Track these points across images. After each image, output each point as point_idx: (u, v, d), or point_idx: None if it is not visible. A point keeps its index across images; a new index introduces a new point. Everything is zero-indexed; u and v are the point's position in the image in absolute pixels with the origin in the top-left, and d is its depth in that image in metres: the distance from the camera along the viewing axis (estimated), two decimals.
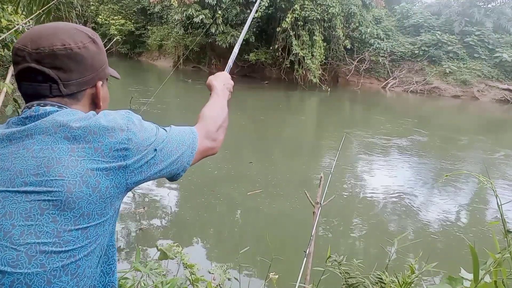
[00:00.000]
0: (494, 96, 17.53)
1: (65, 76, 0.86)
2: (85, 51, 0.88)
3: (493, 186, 1.23)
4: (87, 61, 0.89)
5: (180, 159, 0.93)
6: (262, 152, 7.43)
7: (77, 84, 0.88)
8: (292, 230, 4.19)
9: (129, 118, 0.88)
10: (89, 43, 0.89)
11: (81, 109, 0.90)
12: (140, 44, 25.76)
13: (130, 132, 0.84)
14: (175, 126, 0.99)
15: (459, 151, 8.48)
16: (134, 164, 0.83)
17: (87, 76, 0.90)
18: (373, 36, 18.30)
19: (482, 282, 1.10)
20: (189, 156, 0.95)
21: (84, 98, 0.92)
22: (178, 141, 0.94)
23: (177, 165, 0.93)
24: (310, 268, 2.01)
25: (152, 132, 0.90)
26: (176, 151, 0.92)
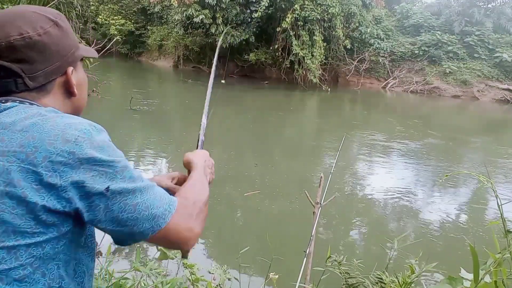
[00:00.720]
0: (494, 96, 17.53)
1: (29, 68, 0.77)
2: (47, 38, 0.78)
3: (493, 186, 1.23)
4: (51, 48, 0.79)
5: (135, 225, 0.72)
6: (262, 152, 7.43)
7: (44, 75, 0.79)
8: (292, 230, 4.19)
9: (88, 131, 0.71)
10: (51, 28, 0.79)
11: (53, 101, 0.82)
12: (140, 44, 25.77)
13: (77, 145, 0.69)
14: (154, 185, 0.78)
15: (459, 151, 8.49)
16: (70, 187, 0.67)
17: (54, 64, 0.80)
18: (373, 36, 18.30)
19: (482, 282, 1.10)
20: (149, 229, 0.73)
21: (54, 88, 0.82)
22: (146, 199, 0.73)
23: (127, 230, 0.72)
24: (310, 268, 2.01)
25: (116, 160, 0.72)
26: (136, 210, 0.71)
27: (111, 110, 9.47)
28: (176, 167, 6.03)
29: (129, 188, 0.72)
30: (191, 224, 0.79)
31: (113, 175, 0.71)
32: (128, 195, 0.71)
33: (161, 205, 0.74)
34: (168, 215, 0.75)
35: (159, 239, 0.75)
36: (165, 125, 9.02)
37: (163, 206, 0.75)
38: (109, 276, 1.72)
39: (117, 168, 0.71)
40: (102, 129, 0.76)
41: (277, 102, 13.55)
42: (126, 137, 7.34)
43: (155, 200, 0.74)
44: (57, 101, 0.83)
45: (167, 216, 0.74)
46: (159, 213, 0.74)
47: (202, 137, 1.29)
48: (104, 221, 0.71)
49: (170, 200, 0.77)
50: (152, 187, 0.76)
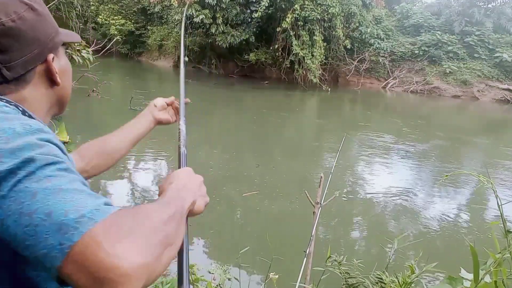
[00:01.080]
0: (494, 96, 17.54)
1: (5, 58, 0.70)
2: (22, 23, 0.71)
3: (493, 186, 1.23)
4: (28, 35, 0.72)
5: (37, 244, 0.48)
6: (262, 152, 7.43)
7: (22, 64, 0.72)
8: (292, 230, 4.19)
9: (11, 129, 0.58)
10: (26, 12, 0.72)
11: (33, 92, 0.75)
12: (140, 44, 25.77)
13: None
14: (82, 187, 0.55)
15: (459, 151, 8.49)
16: None
17: (32, 52, 0.73)
18: (373, 36, 18.31)
19: (482, 282, 1.10)
20: (56, 248, 0.47)
21: (35, 78, 0.75)
22: (52, 202, 0.50)
23: (32, 259, 0.50)
24: (310, 268, 2.01)
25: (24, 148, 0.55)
26: (32, 220, 0.49)
27: (111, 110, 9.47)
28: (176, 167, 6.02)
29: (28, 190, 0.51)
30: (124, 244, 0.48)
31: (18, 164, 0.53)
32: (24, 200, 0.50)
33: (76, 210, 0.49)
34: (87, 223, 0.48)
35: (73, 270, 0.47)
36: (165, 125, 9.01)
37: (81, 212, 0.49)
38: None
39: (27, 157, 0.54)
40: (43, 130, 0.62)
41: (277, 102, 13.56)
42: None
43: (66, 204, 0.50)
44: (38, 92, 0.76)
45: (85, 225, 0.48)
46: (69, 222, 0.48)
47: (184, 149, 0.94)
48: (12, 241, 0.50)
49: (97, 205, 0.51)
50: (71, 183, 0.54)
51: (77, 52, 4.63)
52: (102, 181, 5.14)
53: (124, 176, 5.39)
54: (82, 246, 0.47)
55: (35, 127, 0.61)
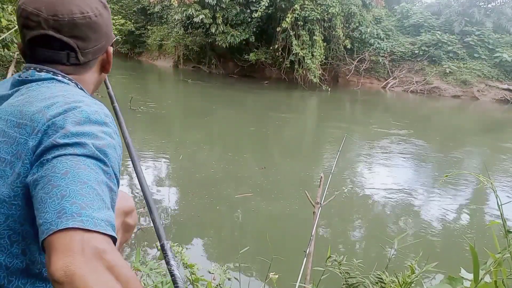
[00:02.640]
0: (494, 96, 17.54)
1: (83, 45, 0.83)
2: (101, 19, 0.85)
3: (493, 186, 1.23)
4: (102, 29, 0.86)
5: (43, 211, 0.55)
6: (262, 152, 7.43)
7: (93, 52, 0.86)
8: (292, 230, 4.19)
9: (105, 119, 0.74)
10: (102, 9, 0.86)
11: (92, 76, 0.90)
12: (140, 44, 25.76)
13: None
14: None
15: (459, 151, 8.49)
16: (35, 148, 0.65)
17: (101, 43, 0.88)
18: (373, 36, 18.31)
19: (482, 282, 1.10)
20: (47, 224, 0.54)
21: (96, 65, 0.91)
22: (72, 188, 0.56)
23: (37, 216, 0.57)
24: (310, 268, 2.01)
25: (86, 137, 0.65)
26: (51, 192, 0.56)
27: (111, 110, 9.45)
28: (176, 167, 6.03)
29: (68, 165, 0.59)
30: (81, 265, 0.50)
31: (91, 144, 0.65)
32: (58, 172, 0.57)
33: (82, 206, 0.54)
34: (77, 222, 0.52)
35: (49, 249, 0.52)
36: (166, 125, 9.02)
37: (83, 210, 0.54)
38: None
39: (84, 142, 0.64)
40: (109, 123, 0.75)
41: (277, 102, 13.56)
42: None
43: (81, 196, 0.55)
44: (94, 76, 0.91)
45: (74, 222, 0.52)
46: (68, 211, 0.53)
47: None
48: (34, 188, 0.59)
49: (99, 216, 0.54)
50: (98, 183, 0.59)
51: None
52: None
53: (123, 176, 5.39)
54: (60, 236, 0.52)
55: (103, 120, 0.72)
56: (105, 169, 0.63)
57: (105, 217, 0.56)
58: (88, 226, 0.53)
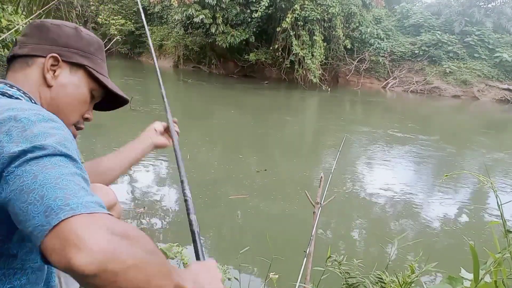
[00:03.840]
0: (494, 96, 17.54)
1: (24, 40, 0.88)
2: (55, 28, 0.88)
3: (493, 186, 1.23)
4: (50, 34, 0.88)
5: (27, 220, 0.53)
6: (262, 152, 7.43)
7: (31, 48, 0.87)
8: (292, 230, 4.19)
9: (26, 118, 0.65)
10: (68, 27, 0.90)
11: (30, 74, 0.85)
12: (140, 44, 25.75)
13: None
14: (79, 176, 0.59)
15: (459, 151, 8.48)
16: None
17: (43, 45, 0.87)
18: (373, 36, 18.31)
19: (482, 282, 1.10)
20: (38, 227, 0.51)
21: (35, 64, 0.86)
22: (48, 187, 0.54)
23: (23, 228, 0.54)
24: (310, 268, 2.01)
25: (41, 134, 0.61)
26: (28, 199, 0.53)
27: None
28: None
29: (31, 172, 0.56)
30: (98, 235, 0.50)
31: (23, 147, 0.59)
32: (27, 179, 0.55)
33: (63, 197, 0.53)
34: (66, 212, 0.51)
35: (50, 250, 0.50)
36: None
37: (67, 201, 0.52)
38: None
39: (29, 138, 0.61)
40: (53, 119, 0.68)
41: (277, 102, 13.55)
42: (126, 137, 7.34)
43: (58, 190, 0.54)
44: (34, 77, 0.86)
45: (64, 212, 0.51)
46: (54, 206, 0.52)
47: (198, 231, 0.87)
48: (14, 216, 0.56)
49: (86, 201, 0.54)
50: (67, 174, 0.57)
51: None
52: None
53: (124, 176, 5.39)
54: (56, 232, 0.50)
55: (47, 116, 0.68)
56: (72, 162, 0.61)
57: (93, 199, 0.55)
58: (81, 211, 0.52)
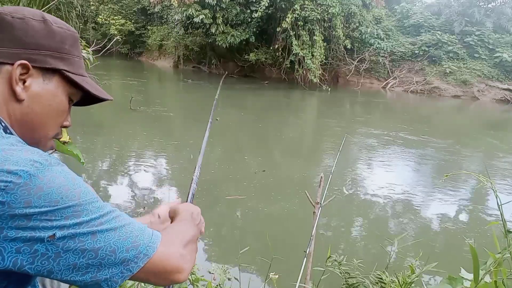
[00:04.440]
0: (494, 96, 17.55)
1: None
2: (20, 23, 0.71)
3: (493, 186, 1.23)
4: (16, 32, 0.70)
5: (99, 271, 0.62)
6: (262, 152, 7.43)
7: None
8: (292, 230, 4.19)
9: (26, 174, 0.58)
10: (35, 21, 0.72)
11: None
12: (140, 44, 25.78)
13: (8, 194, 0.56)
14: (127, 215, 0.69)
15: (459, 151, 8.48)
16: (1, 242, 0.57)
17: (10, 48, 0.70)
18: (373, 36, 18.31)
19: (482, 282, 1.10)
20: (118, 275, 0.64)
21: (1, 75, 0.71)
22: (113, 241, 0.63)
23: (90, 278, 0.62)
24: (310, 268, 2.01)
25: (66, 204, 0.60)
26: (98, 255, 0.61)
27: (111, 110, 9.47)
28: (176, 167, 6.03)
29: (86, 232, 0.61)
30: (179, 262, 0.69)
31: (62, 221, 0.59)
32: (85, 239, 0.60)
33: (134, 247, 0.64)
34: (142, 259, 0.65)
35: (142, 279, 0.67)
36: (166, 125, 9.02)
37: (138, 248, 0.64)
38: None
39: (67, 212, 0.60)
40: (51, 163, 0.62)
41: (277, 102, 13.55)
42: (127, 137, 7.34)
43: (126, 242, 0.64)
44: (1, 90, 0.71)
45: (142, 260, 0.64)
46: (130, 257, 0.64)
47: (193, 190, 1.14)
48: (59, 271, 0.60)
49: (149, 240, 0.67)
50: (122, 226, 0.65)
51: None
52: (102, 181, 5.14)
53: (124, 176, 5.39)
54: (145, 269, 0.66)
55: (47, 161, 0.62)
56: (100, 215, 0.64)
57: (149, 240, 0.68)
58: (145, 261, 0.66)
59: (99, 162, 5.88)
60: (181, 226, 0.82)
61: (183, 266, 0.70)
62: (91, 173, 5.30)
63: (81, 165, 1.11)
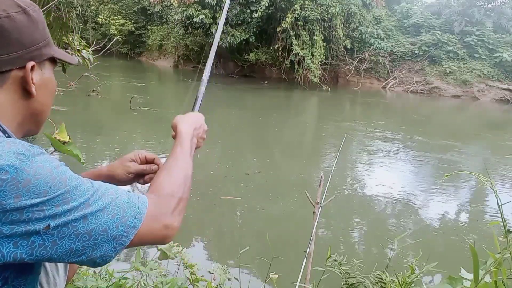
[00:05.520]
0: (494, 96, 17.55)
1: None
2: (8, 22, 0.69)
3: (493, 186, 1.22)
4: (12, 35, 0.70)
5: (94, 250, 0.65)
6: (262, 152, 7.43)
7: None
8: (292, 230, 4.19)
9: (12, 167, 0.59)
10: (17, 14, 0.71)
11: (4, 96, 0.71)
12: (140, 44, 25.79)
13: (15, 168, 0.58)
14: (112, 186, 0.71)
15: (459, 151, 8.48)
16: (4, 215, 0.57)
17: (11, 54, 0.70)
18: (373, 36, 18.32)
19: (482, 282, 1.10)
20: (111, 250, 0.66)
21: (8, 81, 0.71)
22: (103, 221, 0.65)
23: (86, 258, 0.65)
24: (310, 268, 2.01)
25: (56, 193, 0.61)
26: (92, 236, 0.64)
27: (111, 110, 9.47)
28: None
29: (78, 217, 0.63)
30: (167, 221, 0.73)
31: (53, 210, 0.61)
32: (78, 224, 0.63)
33: (122, 222, 0.67)
34: (132, 232, 0.67)
35: (135, 244, 0.70)
36: (166, 125, 9.02)
37: (126, 223, 0.67)
38: (109, 276, 1.72)
39: (57, 201, 0.61)
40: (34, 154, 0.62)
41: (277, 102, 13.55)
42: (126, 137, 7.34)
43: (114, 219, 0.66)
44: (9, 98, 0.72)
45: (131, 233, 0.67)
46: (120, 233, 0.66)
47: (201, 95, 1.19)
48: (57, 257, 0.63)
49: (136, 211, 0.69)
50: (109, 204, 0.67)
51: (77, 52, 4.62)
52: None
53: None
54: (135, 240, 0.69)
55: (30, 151, 0.62)
56: (87, 197, 0.65)
57: (135, 212, 0.70)
58: (135, 231, 0.69)
59: (99, 162, 5.87)
60: (174, 166, 0.85)
61: (171, 225, 0.73)
62: None
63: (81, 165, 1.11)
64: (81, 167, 0.99)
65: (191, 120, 1.02)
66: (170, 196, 0.77)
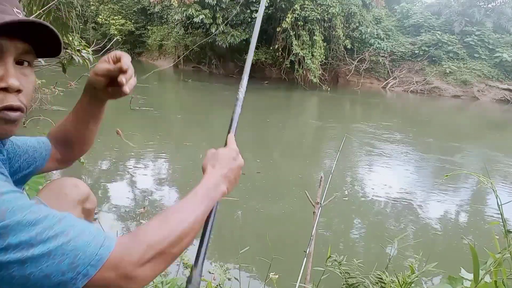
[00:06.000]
0: (494, 96, 17.55)
1: None
2: None
3: (493, 186, 1.23)
4: None
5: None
6: (262, 152, 7.42)
7: None
8: (292, 230, 4.19)
9: None
10: None
11: None
12: (140, 44, 25.79)
13: None
14: (80, 222, 0.61)
15: (459, 151, 8.48)
16: None
17: None
18: (373, 36, 18.32)
19: (482, 282, 1.10)
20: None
21: None
22: (45, 266, 0.55)
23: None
24: (310, 268, 2.01)
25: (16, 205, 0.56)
26: (29, 281, 0.55)
27: (111, 110, 9.42)
28: (177, 167, 6.02)
29: (14, 259, 0.54)
30: (129, 272, 0.60)
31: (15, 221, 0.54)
32: (12, 267, 0.54)
33: (71, 269, 0.56)
34: (82, 279, 0.56)
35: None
36: (166, 125, 9.02)
37: (76, 270, 0.56)
38: None
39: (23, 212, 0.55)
40: None
41: (277, 102, 13.55)
42: (127, 137, 7.33)
43: (61, 265, 0.55)
44: None
45: (81, 281, 0.56)
46: (67, 279, 0.55)
47: (237, 116, 0.98)
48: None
49: (92, 257, 0.58)
50: (59, 247, 0.56)
51: (77, 52, 4.62)
52: (101, 181, 5.14)
53: (124, 176, 5.39)
54: (88, 285, 0.58)
55: None
56: (33, 235, 0.56)
57: (92, 253, 0.60)
58: (86, 279, 0.59)
59: (99, 162, 5.87)
60: (175, 214, 0.71)
61: (135, 277, 0.60)
62: (91, 173, 5.30)
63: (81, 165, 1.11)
64: (81, 167, 0.99)
65: (223, 163, 0.86)
66: (146, 245, 0.63)
